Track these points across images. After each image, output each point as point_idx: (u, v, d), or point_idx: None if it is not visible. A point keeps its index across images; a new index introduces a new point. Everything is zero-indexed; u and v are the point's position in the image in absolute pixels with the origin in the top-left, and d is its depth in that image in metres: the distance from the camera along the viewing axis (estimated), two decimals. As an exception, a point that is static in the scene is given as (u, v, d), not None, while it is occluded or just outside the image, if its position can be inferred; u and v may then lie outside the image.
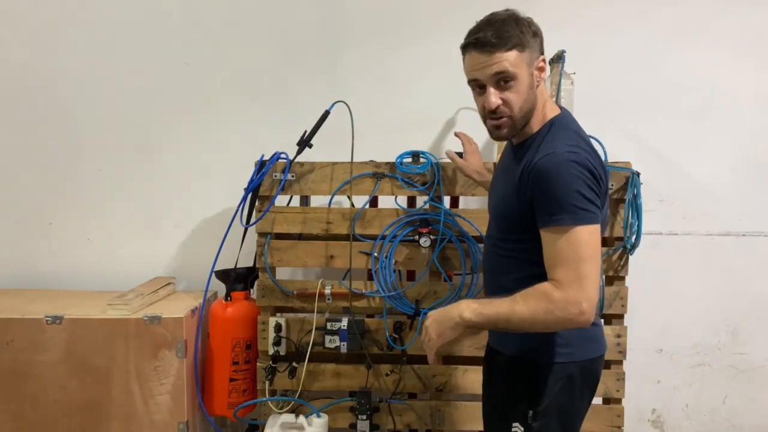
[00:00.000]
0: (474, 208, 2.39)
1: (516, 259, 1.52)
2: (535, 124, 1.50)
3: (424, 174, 2.18)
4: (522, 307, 1.36)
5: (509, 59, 1.41)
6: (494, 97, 1.44)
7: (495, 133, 1.50)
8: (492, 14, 1.47)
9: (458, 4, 2.44)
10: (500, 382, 1.61)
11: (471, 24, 1.52)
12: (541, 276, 1.40)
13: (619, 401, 2.21)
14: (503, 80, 1.43)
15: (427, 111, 2.50)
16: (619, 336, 2.17)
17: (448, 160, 2.25)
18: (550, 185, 1.37)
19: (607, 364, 2.20)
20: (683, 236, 2.55)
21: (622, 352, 2.19)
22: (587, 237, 1.35)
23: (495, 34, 1.41)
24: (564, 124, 1.49)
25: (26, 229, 2.62)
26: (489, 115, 1.48)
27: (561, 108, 1.56)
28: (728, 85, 2.48)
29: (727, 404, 2.62)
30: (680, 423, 2.64)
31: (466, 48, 1.48)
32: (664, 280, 2.55)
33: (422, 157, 2.20)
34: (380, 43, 2.51)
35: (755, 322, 2.57)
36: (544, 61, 1.46)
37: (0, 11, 2.53)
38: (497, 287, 1.55)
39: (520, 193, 1.44)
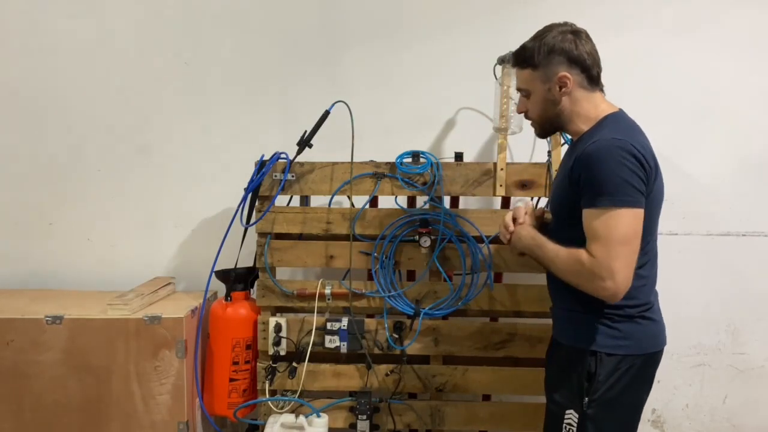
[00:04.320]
0: (474, 208, 2.40)
1: (576, 246, 1.54)
2: (585, 124, 1.62)
3: (424, 174, 2.18)
4: (561, 258, 1.56)
5: (522, 78, 1.67)
6: (519, 104, 1.73)
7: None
8: (541, 29, 1.66)
9: (459, 5, 2.44)
10: (559, 371, 1.68)
11: (471, 24, 1.54)
12: None
13: (619, 401, 2.21)
14: (522, 93, 1.69)
15: (427, 111, 2.50)
16: (619, 336, 2.17)
17: (448, 160, 2.26)
18: (594, 168, 1.48)
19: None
20: (683, 236, 2.55)
21: (622, 352, 2.18)
22: (621, 219, 1.45)
23: (517, 55, 1.66)
24: (616, 118, 1.61)
25: (26, 229, 2.62)
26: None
27: (619, 109, 1.66)
28: (728, 85, 2.48)
29: (727, 404, 2.62)
30: (680, 423, 2.64)
31: None
32: (664, 280, 2.53)
33: (422, 157, 2.20)
34: (380, 43, 2.50)
35: (755, 322, 2.57)
36: (566, 76, 1.58)
37: None
38: (557, 278, 1.63)
39: (572, 178, 1.55)
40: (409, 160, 2.21)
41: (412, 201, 2.31)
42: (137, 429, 2.20)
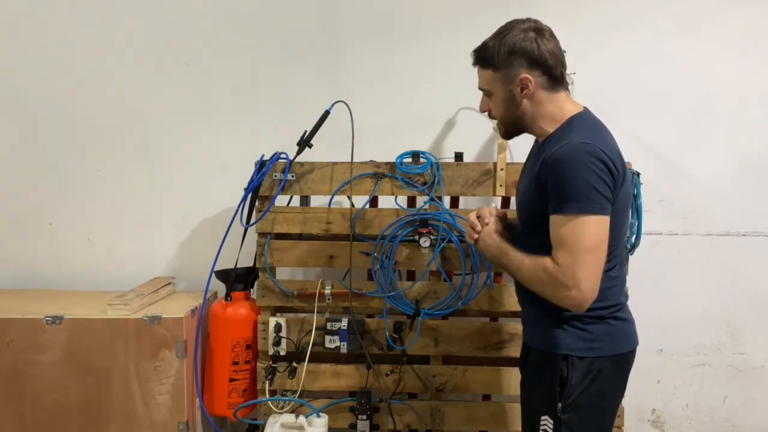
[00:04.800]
0: (474, 208, 2.39)
1: (542, 252, 1.52)
2: (550, 126, 1.58)
3: (424, 174, 2.18)
4: (526, 266, 1.54)
5: (484, 78, 1.61)
6: (481, 103, 1.67)
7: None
8: (502, 26, 1.59)
9: (459, 5, 2.44)
10: (532, 376, 1.66)
11: (471, 24, 1.55)
12: None
13: (619, 401, 2.21)
14: (484, 92, 1.63)
15: (427, 111, 2.50)
16: (619, 336, 2.17)
17: (448, 160, 2.26)
18: (561, 174, 1.44)
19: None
20: (683, 236, 2.55)
21: (622, 352, 2.18)
22: (588, 227, 1.42)
23: (477, 54, 1.60)
24: (583, 119, 1.56)
25: (26, 229, 2.62)
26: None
27: (584, 107, 1.61)
28: (728, 85, 2.48)
29: (727, 404, 2.62)
30: (680, 423, 2.64)
31: None
32: (664, 280, 2.55)
33: (422, 157, 2.20)
34: (380, 43, 2.50)
35: (755, 322, 2.57)
36: (527, 78, 1.52)
37: None
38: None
39: (539, 183, 1.51)
40: (409, 160, 2.21)
41: (412, 201, 2.31)
42: (137, 429, 2.19)
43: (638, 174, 2.13)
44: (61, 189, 2.60)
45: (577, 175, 1.42)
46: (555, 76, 1.55)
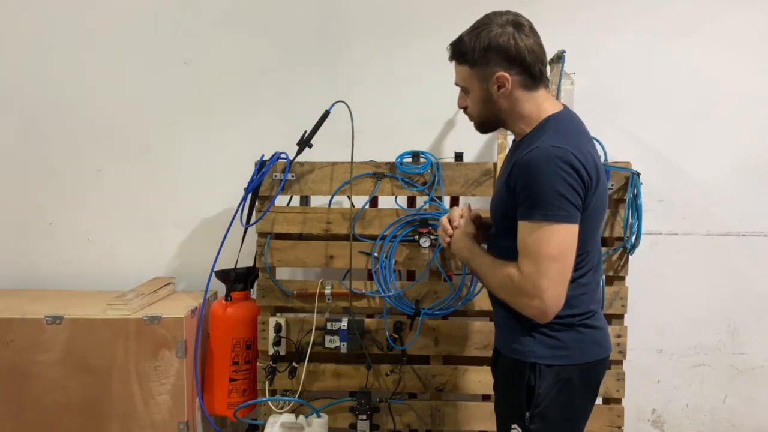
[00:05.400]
0: (474, 208, 2.39)
1: (512, 255, 1.48)
2: (527, 125, 1.52)
3: (424, 174, 2.18)
4: (492, 272, 1.51)
5: (460, 74, 1.55)
6: (459, 99, 1.61)
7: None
8: (480, 19, 1.52)
9: (459, 4, 2.44)
10: (501, 383, 1.62)
11: (471, 23, 1.54)
12: None
13: (619, 401, 2.21)
14: (461, 88, 1.58)
15: (427, 111, 2.50)
16: (619, 336, 2.17)
17: (448, 160, 2.26)
18: (529, 179, 1.39)
19: (608, 364, 2.19)
20: (683, 236, 2.55)
21: (622, 352, 2.19)
22: (553, 235, 1.37)
23: (454, 48, 1.54)
24: (559, 120, 1.49)
25: (26, 229, 2.62)
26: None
27: (564, 106, 1.55)
28: (728, 85, 2.48)
29: (727, 404, 2.62)
30: (680, 423, 2.64)
31: None
32: (664, 280, 2.55)
33: (422, 157, 2.20)
34: (381, 42, 2.51)
35: (755, 322, 2.57)
36: (503, 76, 1.46)
37: None
38: None
39: (509, 186, 1.46)
40: (409, 160, 2.21)
41: (412, 201, 2.31)
42: (137, 429, 2.20)
43: (638, 174, 2.13)
44: (61, 189, 2.60)
45: (544, 180, 1.36)
46: (534, 74, 1.47)
